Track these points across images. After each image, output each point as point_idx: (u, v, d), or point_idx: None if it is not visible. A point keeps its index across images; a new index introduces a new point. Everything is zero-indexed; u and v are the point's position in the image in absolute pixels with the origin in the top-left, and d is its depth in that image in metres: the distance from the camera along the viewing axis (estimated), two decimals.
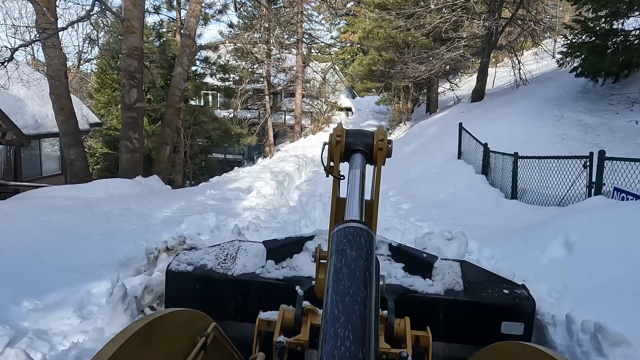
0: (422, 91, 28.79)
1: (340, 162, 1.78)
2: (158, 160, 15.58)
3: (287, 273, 2.90)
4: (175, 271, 2.94)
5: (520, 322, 2.74)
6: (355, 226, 1.10)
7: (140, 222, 8.53)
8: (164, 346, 1.41)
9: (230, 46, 23.86)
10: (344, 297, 0.90)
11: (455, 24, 18.27)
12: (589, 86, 13.20)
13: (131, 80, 13.67)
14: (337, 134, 1.75)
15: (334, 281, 0.95)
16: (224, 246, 3.20)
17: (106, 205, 10.34)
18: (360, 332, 0.84)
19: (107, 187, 12.82)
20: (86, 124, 18.47)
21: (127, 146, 13.93)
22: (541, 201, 7.97)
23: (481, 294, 2.80)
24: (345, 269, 0.97)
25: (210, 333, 1.67)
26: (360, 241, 1.05)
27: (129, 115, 13.87)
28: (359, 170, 1.63)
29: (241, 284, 2.85)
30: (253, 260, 3.01)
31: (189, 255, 3.11)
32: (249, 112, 31.10)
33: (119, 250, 5.23)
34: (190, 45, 15.72)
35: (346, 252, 1.01)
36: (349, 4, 34.96)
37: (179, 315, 1.55)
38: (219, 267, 2.96)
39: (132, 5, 13.35)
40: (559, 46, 18.10)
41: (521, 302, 2.76)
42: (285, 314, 2.27)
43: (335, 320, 0.86)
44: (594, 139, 11.30)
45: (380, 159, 1.74)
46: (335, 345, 0.80)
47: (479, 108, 16.96)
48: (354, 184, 1.53)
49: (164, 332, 1.40)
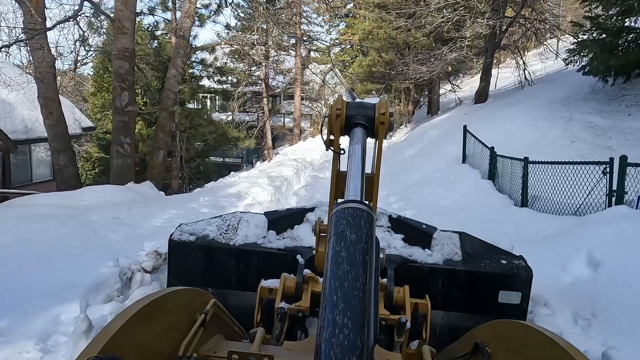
0: (423, 93, 28.33)
1: (340, 136, 1.73)
2: (151, 166, 15.07)
3: (288, 243, 2.93)
4: (177, 241, 2.96)
5: (518, 292, 2.74)
6: (355, 207, 1.07)
7: (126, 232, 8.15)
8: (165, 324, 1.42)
9: (227, 48, 23.37)
10: (343, 282, 0.89)
11: (457, 24, 17.77)
12: (599, 86, 12.68)
13: (122, 82, 13.18)
14: (337, 107, 1.69)
15: (332, 265, 0.93)
16: (225, 217, 3.20)
17: (94, 214, 9.94)
18: (359, 319, 0.82)
19: (97, 194, 12.38)
20: (79, 128, 18.00)
21: (118, 151, 13.43)
22: (555, 209, 7.44)
23: (479, 263, 2.81)
24: (345, 252, 0.95)
25: (209, 310, 1.67)
26: (360, 223, 1.02)
27: (120, 119, 13.36)
28: (360, 145, 1.58)
29: (243, 253, 2.89)
30: (254, 231, 3.01)
31: (191, 226, 3.10)
32: (247, 115, 30.68)
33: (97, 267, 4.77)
34: (184, 46, 15.22)
35: (345, 235, 0.99)
36: (349, 5, 34.52)
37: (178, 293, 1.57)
38: (220, 238, 2.97)
39: (122, 5, 12.86)
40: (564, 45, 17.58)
41: (519, 272, 2.77)
42: (287, 281, 2.30)
43: (334, 307, 0.84)
44: (606, 141, 10.77)
45: (381, 132, 1.68)
46: (333, 333, 0.79)
47: (483, 110, 16.44)
48: (355, 159, 1.49)
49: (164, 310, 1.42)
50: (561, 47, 18.80)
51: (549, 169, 7.76)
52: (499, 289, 2.74)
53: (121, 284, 4.28)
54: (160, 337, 1.40)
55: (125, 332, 1.18)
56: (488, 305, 2.74)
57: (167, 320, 1.46)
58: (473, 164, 11.57)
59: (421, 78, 19.32)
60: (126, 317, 1.22)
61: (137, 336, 1.25)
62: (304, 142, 27.52)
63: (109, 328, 1.17)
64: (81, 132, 18.39)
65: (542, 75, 17.58)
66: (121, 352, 1.12)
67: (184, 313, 1.58)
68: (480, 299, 2.76)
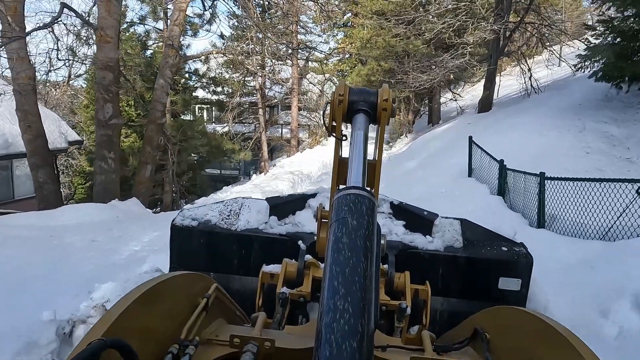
0: (423, 102, 27.66)
1: (342, 122, 1.71)
2: (138, 181, 14.28)
3: (290, 229, 2.93)
4: (180, 226, 2.94)
5: (518, 278, 2.72)
6: (356, 193, 1.08)
7: (100, 259, 7.51)
8: (167, 308, 1.43)
9: (221, 58, 22.68)
10: (344, 268, 0.90)
11: (459, 30, 17.06)
12: (612, 93, 11.89)
13: (106, 94, 12.44)
14: (340, 93, 1.68)
15: (334, 251, 0.95)
16: (227, 203, 3.18)
17: (70, 237, 9.28)
18: (360, 305, 0.83)
19: (78, 213, 11.70)
20: (65, 142, 17.23)
21: (101, 167, 12.64)
22: (577, 232, 6.59)
23: (480, 250, 2.82)
24: (346, 238, 0.96)
25: (211, 294, 1.67)
26: (362, 209, 1.03)
27: (103, 133, 12.61)
28: (362, 131, 1.59)
29: (244, 239, 2.89)
30: (256, 216, 3.00)
31: (193, 211, 3.09)
32: (244, 126, 30.03)
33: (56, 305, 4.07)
34: (173, 55, 14.51)
35: (347, 221, 1.00)
36: (347, 15, 33.99)
37: (181, 278, 1.58)
38: (222, 223, 2.96)
39: (106, 13, 12.16)
40: (570, 51, 16.84)
41: (519, 259, 2.75)
42: (288, 267, 2.34)
43: (335, 292, 0.85)
44: (624, 152, 9.96)
45: (384, 118, 1.67)
46: (334, 318, 0.81)
47: (488, 119, 15.64)
48: (357, 146, 1.51)
49: (166, 295, 1.42)
50: (567, 53, 18.07)
51: (570, 184, 6.94)
52: (499, 276, 2.72)
53: (58, 342, 3.47)
54: (162, 320, 1.40)
55: (127, 315, 1.18)
56: (488, 291, 2.73)
57: (169, 304, 1.46)
58: (480, 177, 10.75)
59: (422, 86, 18.56)
60: (129, 301, 1.21)
61: (139, 320, 1.25)
62: (302, 154, 26.79)
63: (112, 312, 1.17)
64: (67, 146, 17.59)
65: (548, 82, 16.79)
66: (124, 336, 1.11)
67: (186, 297, 1.58)
68: (481, 285, 2.76)
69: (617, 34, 10.14)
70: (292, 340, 1.59)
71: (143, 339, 1.24)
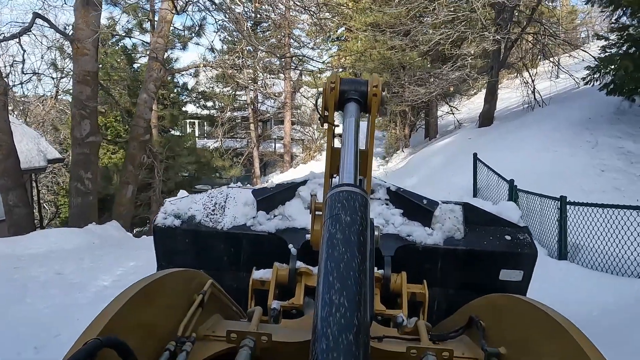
0: (419, 115, 27.06)
1: (335, 111, 1.77)
2: (118, 203, 13.34)
3: (280, 224, 2.76)
4: (162, 227, 2.80)
5: (520, 270, 2.60)
6: (349, 190, 1.10)
7: (61, 298, 6.79)
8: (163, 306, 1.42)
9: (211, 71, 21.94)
10: (339, 263, 0.91)
11: (457, 41, 16.39)
12: (624, 106, 11.16)
13: (82, 110, 11.58)
14: (332, 81, 1.74)
15: (328, 247, 0.96)
16: (212, 194, 3.01)
17: (35, 268, 8.44)
18: (356, 299, 0.85)
19: (49, 239, 10.81)
20: (43, 160, 16.27)
21: (77, 188, 11.72)
22: (606, 266, 5.74)
23: (482, 241, 2.69)
24: (340, 234, 0.98)
25: (207, 290, 1.67)
26: (355, 205, 1.05)
27: (79, 152, 11.72)
28: (354, 118, 1.64)
29: (232, 237, 2.77)
30: (243, 210, 2.85)
31: (175, 205, 2.92)
32: (236, 141, 29.27)
33: None
34: (157, 69, 13.67)
35: (340, 217, 1.02)
36: (341, 29, 33.53)
37: (176, 275, 1.56)
38: (207, 220, 2.82)
39: (83, 24, 11.35)
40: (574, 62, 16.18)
41: (523, 251, 2.62)
42: (279, 272, 2.30)
43: (330, 287, 0.87)
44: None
45: (375, 105, 1.72)
46: (330, 312, 0.82)
47: (490, 134, 14.88)
48: (349, 133, 1.56)
49: (162, 292, 1.42)
50: (569, 64, 17.43)
51: (594, 210, 6.10)
52: (501, 268, 2.61)
53: None
54: (158, 318, 1.38)
55: (123, 314, 1.16)
56: (488, 282, 2.61)
57: (165, 301, 1.44)
58: (487, 198, 9.91)
59: (419, 100, 17.85)
60: (124, 299, 1.20)
61: (135, 318, 1.23)
62: (295, 169, 26.01)
63: (107, 310, 1.15)
64: (46, 164, 16.66)
65: (551, 94, 16.10)
66: (120, 334, 1.10)
67: (181, 294, 1.57)
68: (481, 277, 2.66)
69: (633, 43, 9.41)
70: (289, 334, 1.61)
71: (139, 337, 1.23)
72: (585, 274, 5.88)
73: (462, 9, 15.39)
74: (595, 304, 4.89)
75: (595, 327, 4.25)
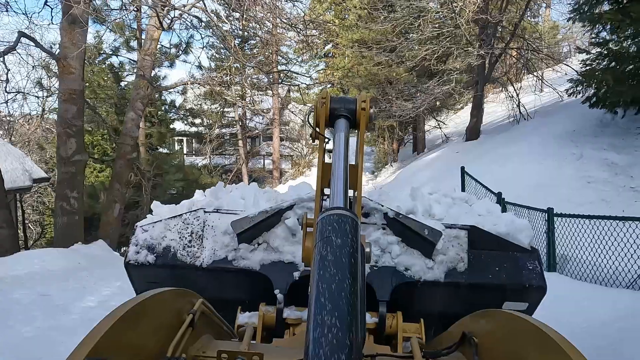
0: (407, 130, 27.29)
1: (325, 127, 1.82)
2: (105, 222, 13.16)
3: (265, 258, 2.53)
4: (134, 264, 2.54)
5: (525, 302, 2.44)
6: (339, 213, 1.13)
7: (44, 321, 6.59)
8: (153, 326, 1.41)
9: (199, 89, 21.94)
10: (330, 284, 0.93)
11: (442, 56, 16.63)
12: (607, 119, 11.35)
13: (68, 128, 11.48)
14: (322, 97, 1.82)
15: (320, 268, 0.98)
16: (187, 219, 2.66)
17: (19, 290, 8.24)
18: (348, 319, 0.86)
19: (33, 260, 10.60)
20: (29, 180, 16.04)
21: (63, 207, 11.55)
22: (595, 276, 5.76)
23: (487, 272, 2.48)
24: (331, 256, 1.00)
25: (197, 310, 1.65)
26: (345, 228, 1.07)
27: (65, 170, 11.58)
28: (343, 133, 1.71)
29: (213, 274, 2.56)
30: (223, 240, 2.59)
31: (148, 233, 2.62)
32: (225, 158, 29.18)
33: None
34: (144, 87, 13.65)
35: (331, 240, 1.04)
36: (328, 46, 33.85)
37: (166, 294, 1.54)
38: (184, 254, 2.59)
39: (69, 42, 11.31)
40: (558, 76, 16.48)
41: (530, 284, 2.41)
42: (266, 317, 2.24)
43: (322, 308, 0.88)
44: (628, 181, 9.31)
45: (363, 122, 1.79)
46: (323, 333, 0.83)
47: (477, 148, 15.02)
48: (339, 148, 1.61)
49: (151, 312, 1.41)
50: (552, 78, 17.73)
51: (582, 221, 6.15)
52: (506, 300, 2.46)
53: None
54: (148, 338, 1.37)
55: (112, 334, 1.13)
56: None
57: (155, 321, 1.42)
58: None
59: (407, 115, 18.01)
60: (113, 319, 1.17)
61: (124, 338, 1.21)
62: (284, 185, 25.97)
63: (96, 331, 1.12)
64: (31, 184, 16.41)
65: (535, 108, 16.34)
66: (109, 355, 1.10)
67: (171, 313, 1.55)
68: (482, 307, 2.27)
69: (612, 57, 9.61)
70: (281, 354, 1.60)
71: (129, 358, 1.23)
72: (575, 285, 5.89)
73: (446, 25, 15.67)
74: (585, 316, 4.88)
75: (588, 340, 4.25)
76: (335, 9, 30.00)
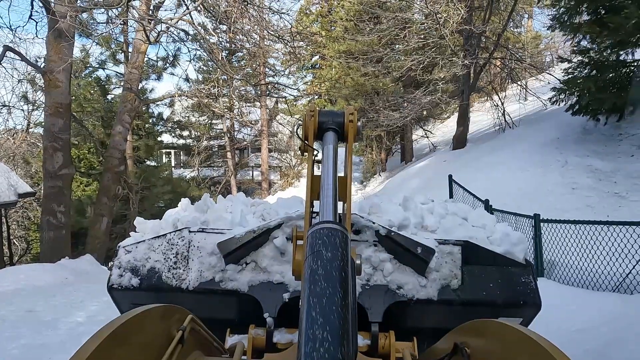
0: (394, 139, 27.48)
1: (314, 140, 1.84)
2: (92, 236, 13.04)
3: (253, 279, 2.46)
4: (117, 288, 2.47)
5: (519, 317, 2.42)
6: (329, 227, 1.13)
7: (30, 338, 6.25)
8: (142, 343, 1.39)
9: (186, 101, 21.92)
10: (321, 298, 0.93)
11: (429, 66, 16.86)
12: (590, 126, 11.57)
13: (55, 142, 11.41)
14: (311, 110, 1.87)
15: (310, 283, 0.98)
16: (172, 239, 2.58)
17: (5, 306, 8.16)
18: (339, 333, 0.86)
19: (19, 276, 10.48)
20: (14, 195, 15.79)
21: (49, 222, 11.43)
22: (583, 282, 5.85)
23: (480, 289, 2.46)
24: (322, 270, 1.00)
25: (187, 326, 1.62)
26: (335, 241, 1.08)
27: (52, 185, 11.49)
28: (332, 146, 1.75)
29: (200, 297, 2.47)
30: (209, 261, 2.49)
31: (131, 254, 2.55)
32: (213, 170, 29.07)
33: None
34: (131, 99, 13.62)
35: (322, 254, 1.04)
36: (315, 57, 34.09)
37: (154, 311, 1.51)
38: (170, 276, 2.50)
39: (55, 56, 11.29)
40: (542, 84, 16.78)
41: (525, 301, 2.38)
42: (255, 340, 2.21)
43: (313, 322, 0.88)
44: (612, 187, 9.47)
45: (351, 134, 1.82)
46: (314, 347, 0.83)
47: (464, 156, 15.19)
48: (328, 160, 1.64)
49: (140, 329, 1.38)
50: (537, 86, 18.04)
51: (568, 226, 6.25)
52: (499, 316, 2.42)
53: None
54: (137, 356, 1.34)
55: (100, 353, 1.11)
56: None
57: (143, 338, 1.40)
58: None
59: (394, 124, 18.16)
60: (101, 337, 1.15)
61: (112, 357, 1.19)
62: (273, 197, 25.90)
63: (83, 350, 1.09)
64: (16, 199, 16.16)
65: (520, 116, 16.60)
66: None
67: (160, 330, 1.52)
68: None
69: (593, 66, 9.84)
70: None
71: None
72: (563, 290, 5.96)
73: (431, 36, 15.90)
74: (574, 321, 4.95)
75: (577, 345, 4.31)
76: (322, 21, 30.28)
